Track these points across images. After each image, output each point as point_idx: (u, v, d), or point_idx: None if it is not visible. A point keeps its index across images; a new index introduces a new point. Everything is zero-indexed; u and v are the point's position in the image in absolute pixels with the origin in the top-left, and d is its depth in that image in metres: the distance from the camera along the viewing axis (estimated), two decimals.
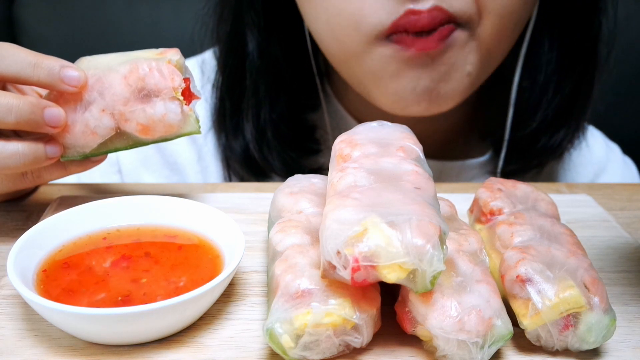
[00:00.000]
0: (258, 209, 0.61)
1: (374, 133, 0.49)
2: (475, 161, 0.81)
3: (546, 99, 0.74)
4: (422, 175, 0.44)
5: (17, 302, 0.47)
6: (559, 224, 0.49)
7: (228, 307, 0.47)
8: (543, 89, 0.74)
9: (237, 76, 0.74)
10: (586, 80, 0.75)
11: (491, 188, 0.53)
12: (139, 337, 0.42)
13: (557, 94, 0.74)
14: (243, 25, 0.72)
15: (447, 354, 0.41)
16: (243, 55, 0.73)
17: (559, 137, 0.76)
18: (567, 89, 0.74)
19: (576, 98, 0.75)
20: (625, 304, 0.49)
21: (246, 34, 0.72)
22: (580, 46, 0.73)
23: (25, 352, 0.42)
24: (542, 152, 0.77)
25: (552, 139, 0.76)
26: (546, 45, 0.74)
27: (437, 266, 0.38)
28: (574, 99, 0.75)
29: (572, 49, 0.73)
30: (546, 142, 0.76)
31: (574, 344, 0.42)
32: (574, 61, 0.74)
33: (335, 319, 0.40)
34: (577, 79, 0.74)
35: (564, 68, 0.74)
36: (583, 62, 0.74)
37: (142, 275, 0.46)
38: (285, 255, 0.44)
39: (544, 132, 0.76)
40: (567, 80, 0.74)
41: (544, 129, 0.76)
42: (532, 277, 0.43)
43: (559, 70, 0.74)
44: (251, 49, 0.72)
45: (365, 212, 0.40)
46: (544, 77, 0.74)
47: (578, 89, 0.75)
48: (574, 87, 0.74)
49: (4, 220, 0.59)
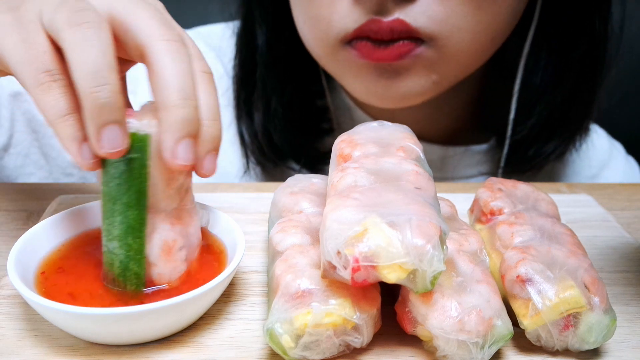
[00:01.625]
0: (258, 209, 0.61)
1: (375, 133, 0.49)
2: (478, 147, 0.82)
3: (540, 105, 0.75)
4: (422, 175, 0.44)
5: (17, 302, 0.47)
6: (559, 224, 0.49)
7: (228, 307, 0.47)
8: (539, 94, 0.75)
9: (248, 68, 0.77)
10: (584, 89, 0.75)
11: (491, 188, 0.53)
12: (139, 337, 0.42)
13: (550, 101, 0.74)
14: (253, 20, 0.75)
15: (447, 354, 0.41)
16: (253, 49, 0.76)
17: (551, 146, 0.77)
18: (560, 98, 0.74)
19: (570, 107, 0.75)
20: (626, 304, 0.49)
21: (256, 28, 0.75)
22: (578, 53, 0.73)
23: (25, 352, 0.42)
24: (534, 157, 0.78)
25: (544, 147, 0.77)
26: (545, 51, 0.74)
27: (437, 266, 0.38)
28: (568, 108, 0.75)
29: (569, 57, 0.73)
30: (538, 149, 0.77)
31: (574, 344, 0.42)
32: (569, 71, 0.74)
33: (336, 319, 0.40)
34: (573, 89, 0.74)
35: (559, 76, 0.74)
36: (581, 69, 0.74)
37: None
38: (285, 255, 0.44)
39: (535, 139, 0.76)
40: (561, 89, 0.74)
41: (535, 136, 0.76)
42: (533, 277, 0.43)
43: (555, 77, 0.74)
44: (260, 43, 0.75)
45: (366, 212, 0.40)
46: (539, 82, 0.74)
47: (574, 98, 0.75)
48: (568, 96, 0.74)
49: (4, 220, 0.59)
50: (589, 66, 0.74)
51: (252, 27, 0.76)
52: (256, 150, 0.79)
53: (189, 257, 0.46)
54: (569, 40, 0.73)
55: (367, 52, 0.62)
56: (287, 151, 0.78)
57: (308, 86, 0.79)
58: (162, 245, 0.44)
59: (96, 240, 0.50)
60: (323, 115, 0.81)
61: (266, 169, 0.81)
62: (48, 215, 0.55)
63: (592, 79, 0.74)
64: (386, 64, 0.63)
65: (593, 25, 0.71)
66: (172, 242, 0.44)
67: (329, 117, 0.81)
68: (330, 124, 0.81)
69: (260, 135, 0.77)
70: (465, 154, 0.81)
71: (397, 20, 0.60)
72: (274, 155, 0.79)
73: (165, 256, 0.44)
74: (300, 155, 0.78)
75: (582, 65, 0.73)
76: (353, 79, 0.66)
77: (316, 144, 0.80)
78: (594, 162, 0.87)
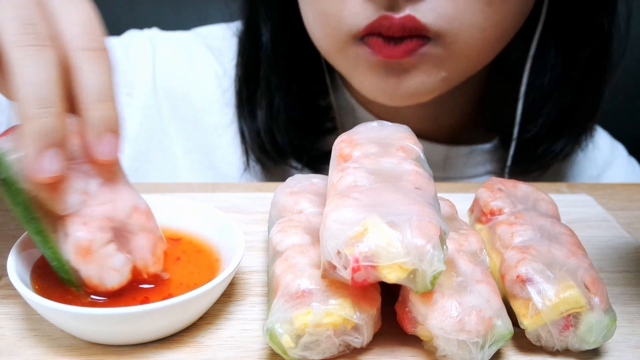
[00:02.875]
0: (258, 209, 0.61)
1: (375, 133, 0.49)
2: (482, 147, 0.82)
3: (548, 105, 0.75)
4: (422, 175, 0.44)
5: (17, 302, 0.47)
6: (559, 224, 0.49)
7: (228, 307, 0.47)
8: (547, 93, 0.75)
9: (252, 66, 0.78)
10: (591, 88, 0.75)
11: (491, 188, 0.53)
12: (139, 337, 0.42)
13: (559, 101, 0.74)
14: (258, 18, 0.76)
15: (447, 354, 0.41)
16: (257, 47, 0.77)
17: (559, 145, 0.77)
18: (569, 98, 0.74)
19: (578, 107, 0.75)
20: (626, 304, 0.49)
21: (260, 26, 0.76)
22: (585, 54, 0.73)
23: (25, 352, 0.42)
24: (543, 156, 0.78)
25: (552, 146, 0.77)
26: (552, 50, 0.74)
27: (437, 266, 0.38)
28: (576, 107, 0.75)
29: (577, 56, 0.73)
30: (547, 148, 0.77)
31: (574, 344, 0.42)
32: (577, 70, 0.74)
33: (336, 319, 0.39)
34: (580, 88, 0.74)
35: (567, 75, 0.74)
36: (588, 70, 0.74)
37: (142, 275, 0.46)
38: (285, 255, 0.44)
39: (544, 139, 0.77)
40: (569, 88, 0.74)
41: (544, 136, 0.76)
42: (533, 277, 0.43)
43: (563, 76, 0.74)
44: (265, 40, 0.76)
45: (366, 212, 0.40)
46: (548, 81, 0.74)
47: (582, 97, 0.75)
48: (576, 96, 0.75)
49: (4, 220, 0.59)
50: (596, 66, 0.74)
51: (257, 25, 0.76)
52: (257, 149, 0.79)
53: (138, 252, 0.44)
54: (577, 39, 0.73)
55: (378, 48, 0.62)
56: (289, 150, 0.78)
57: (312, 85, 0.79)
58: (75, 248, 0.42)
59: None
60: (326, 114, 0.81)
61: (266, 167, 0.81)
62: None
63: (599, 79, 0.75)
64: (394, 61, 0.63)
65: (601, 25, 0.71)
66: (87, 242, 0.42)
67: (331, 117, 0.81)
68: (333, 123, 0.81)
69: (262, 133, 0.78)
70: (470, 153, 0.81)
71: (408, 16, 0.60)
72: (275, 154, 0.79)
73: (84, 258, 0.42)
74: (302, 154, 0.79)
75: (590, 65, 0.73)
76: (362, 76, 0.67)
77: (318, 143, 0.80)
78: (597, 163, 0.87)
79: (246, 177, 0.82)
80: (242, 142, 0.80)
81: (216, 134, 0.83)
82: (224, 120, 0.82)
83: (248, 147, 0.80)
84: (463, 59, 0.65)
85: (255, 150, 0.79)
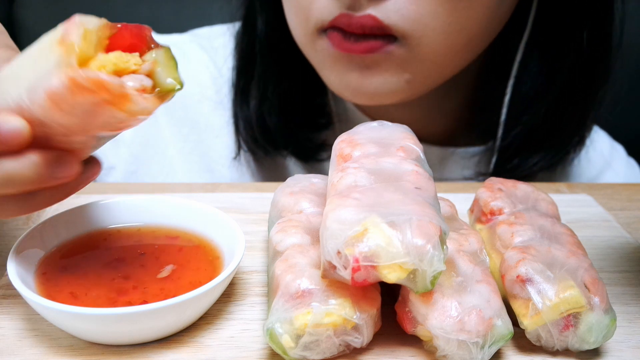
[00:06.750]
0: (258, 209, 0.61)
1: (375, 133, 0.49)
2: (475, 149, 0.82)
3: (527, 114, 0.74)
4: (422, 175, 0.44)
5: (17, 302, 0.47)
6: (559, 224, 0.49)
7: (228, 307, 0.47)
8: (527, 102, 0.74)
9: (248, 58, 0.79)
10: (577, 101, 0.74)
11: (491, 188, 0.53)
12: (139, 337, 0.42)
13: (538, 111, 0.74)
14: (254, 11, 0.77)
15: (447, 354, 0.41)
16: (253, 39, 0.78)
17: (536, 158, 0.76)
18: (551, 109, 0.74)
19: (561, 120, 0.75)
20: (626, 304, 0.49)
21: (257, 19, 0.77)
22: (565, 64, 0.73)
23: (25, 352, 0.42)
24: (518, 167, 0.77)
25: (529, 158, 0.76)
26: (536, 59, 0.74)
27: (437, 266, 0.38)
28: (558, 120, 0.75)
29: (557, 67, 0.73)
30: (524, 159, 0.77)
31: (574, 344, 0.42)
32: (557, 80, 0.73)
33: (336, 319, 0.40)
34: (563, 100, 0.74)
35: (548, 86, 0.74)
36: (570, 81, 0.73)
37: (142, 276, 0.46)
38: (285, 255, 0.44)
39: (521, 149, 0.76)
40: (549, 97, 0.73)
41: (521, 146, 0.76)
42: (533, 277, 0.43)
43: (544, 87, 0.74)
44: (259, 31, 0.77)
45: (366, 212, 0.40)
46: (529, 90, 0.74)
47: (563, 110, 0.74)
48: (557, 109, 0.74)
49: (4, 220, 0.59)
50: (581, 79, 0.73)
51: (254, 17, 0.77)
52: (249, 138, 0.80)
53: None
54: (557, 50, 0.73)
55: (338, 42, 0.64)
56: (280, 138, 0.79)
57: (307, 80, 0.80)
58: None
59: (97, 240, 0.50)
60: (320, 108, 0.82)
61: (257, 157, 0.82)
62: (48, 215, 0.55)
63: (584, 93, 0.74)
64: (357, 56, 0.64)
65: (581, 38, 0.71)
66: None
67: (327, 112, 0.81)
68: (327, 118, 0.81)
69: (254, 119, 0.78)
70: (463, 155, 0.81)
71: (368, 16, 0.61)
72: (266, 142, 0.79)
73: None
74: (293, 144, 0.79)
75: (572, 78, 0.73)
76: (328, 70, 0.68)
77: (311, 135, 0.81)
78: (595, 164, 0.87)
79: (236, 165, 0.82)
80: (236, 132, 0.81)
81: (212, 135, 0.83)
82: (220, 122, 0.82)
83: (240, 137, 0.81)
84: (428, 63, 0.65)
85: (247, 140, 0.80)
